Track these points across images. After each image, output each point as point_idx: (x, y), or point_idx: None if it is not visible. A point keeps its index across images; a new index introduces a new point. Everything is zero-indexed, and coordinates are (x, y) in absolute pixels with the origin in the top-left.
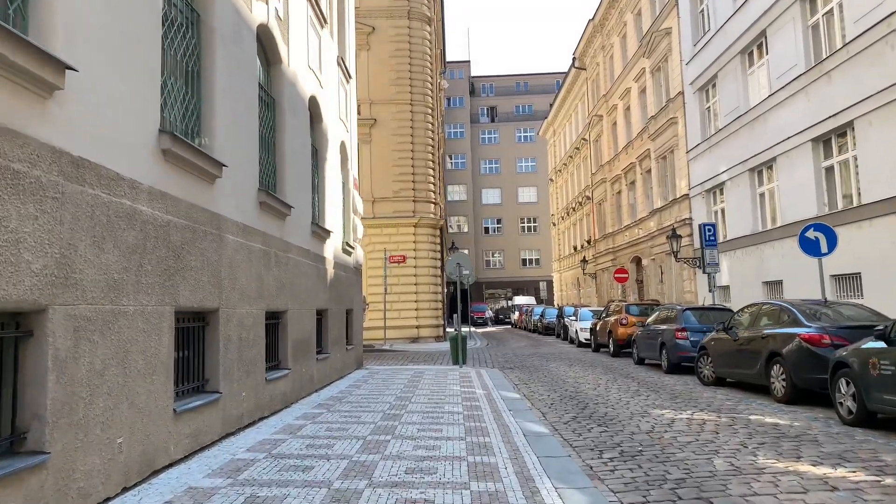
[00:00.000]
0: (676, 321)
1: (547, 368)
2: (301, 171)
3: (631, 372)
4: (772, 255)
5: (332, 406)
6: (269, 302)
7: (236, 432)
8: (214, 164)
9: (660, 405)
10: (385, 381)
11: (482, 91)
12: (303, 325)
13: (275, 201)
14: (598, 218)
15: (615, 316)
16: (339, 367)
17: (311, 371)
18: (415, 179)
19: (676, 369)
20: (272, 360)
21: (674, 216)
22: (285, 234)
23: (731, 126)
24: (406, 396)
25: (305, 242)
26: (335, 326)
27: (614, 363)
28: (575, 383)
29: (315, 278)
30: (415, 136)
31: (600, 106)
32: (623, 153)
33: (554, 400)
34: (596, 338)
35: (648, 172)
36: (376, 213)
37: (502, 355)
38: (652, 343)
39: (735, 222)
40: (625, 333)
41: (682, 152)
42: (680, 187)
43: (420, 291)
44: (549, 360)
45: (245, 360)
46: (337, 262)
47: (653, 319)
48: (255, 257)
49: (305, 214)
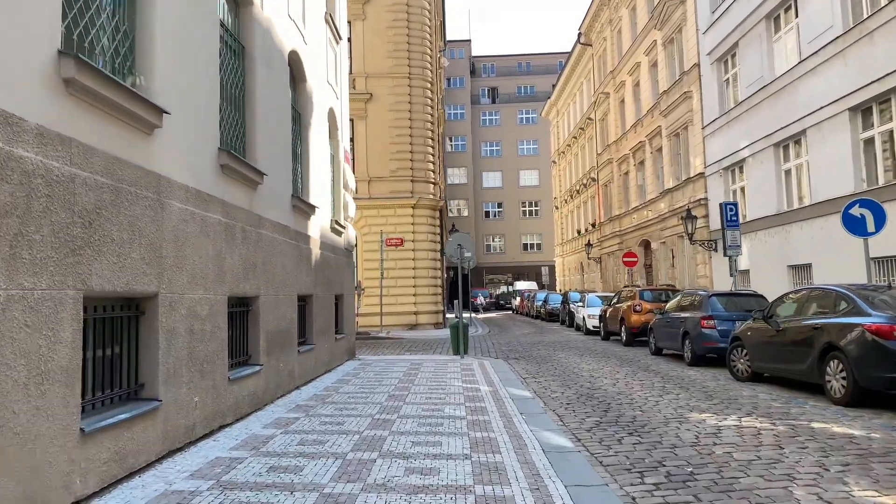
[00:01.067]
0: (701, 308)
1: (556, 359)
2: (278, 136)
3: (650, 364)
4: (799, 237)
5: (312, 408)
6: (234, 286)
7: (185, 447)
8: (151, 110)
9: (696, 406)
10: (378, 375)
11: (483, 71)
12: (280, 313)
13: (242, 166)
14: (603, 200)
15: (628, 302)
16: (326, 360)
17: (292, 366)
18: (413, 158)
19: (701, 361)
20: (239, 354)
21: (687, 197)
22: (256, 206)
23: (754, 98)
24: (400, 395)
25: (284, 218)
26: (322, 314)
27: (628, 353)
28: (590, 377)
29: (296, 259)
30: (413, 111)
31: (607, 83)
32: (631, 132)
33: (570, 399)
34: (606, 325)
35: (659, 151)
36: (372, 194)
37: (506, 343)
38: (672, 332)
39: (757, 202)
40: (639, 321)
41: (696, 128)
42: (694, 166)
43: (418, 276)
44: (556, 350)
45: (199, 357)
46: (324, 243)
47: (672, 306)
48: (212, 231)
49: (284, 186)
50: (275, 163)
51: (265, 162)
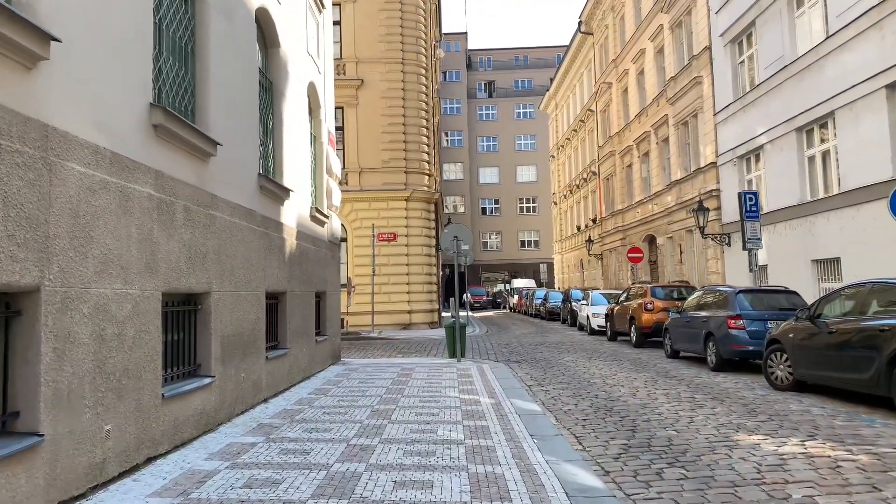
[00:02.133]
0: (727, 306)
1: (562, 363)
2: (241, 103)
3: (668, 369)
4: (826, 229)
5: (276, 429)
6: (173, 279)
7: (86, 495)
8: (36, 37)
9: (741, 425)
10: (363, 384)
11: (479, 65)
12: (242, 312)
13: (186, 130)
14: (605, 194)
15: (638, 300)
16: (304, 366)
17: (257, 375)
18: (406, 148)
19: (726, 366)
20: (182, 364)
21: (697, 188)
22: (209, 182)
23: (773, 80)
24: (386, 410)
25: (248, 200)
26: (298, 314)
27: (642, 356)
28: (604, 385)
29: (264, 250)
30: (406, 98)
31: (609, 72)
32: (635, 122)
33: (586, 413)
34: (613, 325)
35: (665, 141)
36: (364, 186)
37: (505, 344)
38: (692, 333)
39: (776, 191)
40: (650, 320)
41: (707, 115)
42: (705, 155)
43: (412, 273)
44: (561, 352)
45: (113, 370)
46: (302, 233)
47: (691, 304)
48: (138, 208)
49: (248, 162)
50: (235, 134)
51: (222, 130)
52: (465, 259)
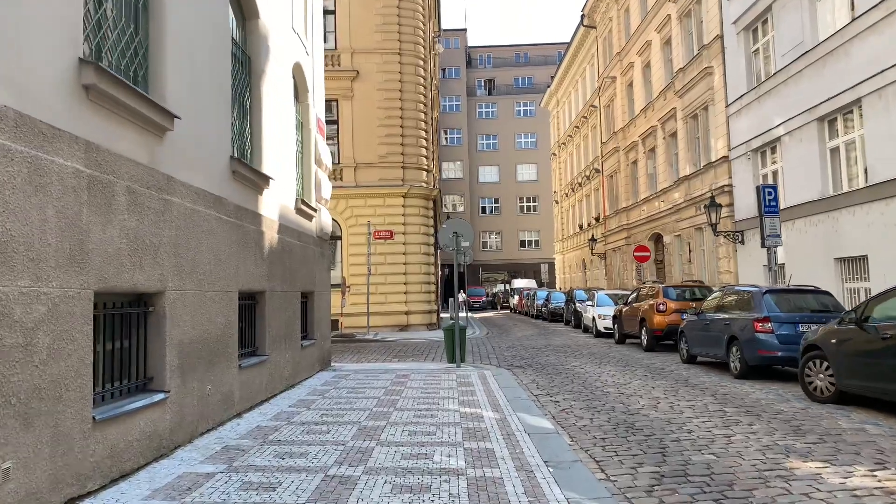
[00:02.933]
0: (753, 308)
1: (569, 368)
2: (208, 73)
3: (687, 376)
4: (851, 225)
5: (241, 455)
6: (110, 275)
7: None
8: None
9: (790, 448)
10: (353, 393)
11: (479, 62)
12: (207, 314)
13: (129, 95)
14: (608, 192)
15: (649, 301)
16: (288, 373)
17: (228, 386)
18: (404, 142)
19: (752, 373)
20: (126, 378)
21: (707, 184)
22: (164, 161)
23: (792, 67)
24: (375, 428)
25: (216, 186)
26: (281, 316)
27: (655, 361)
28: (620, 395)
29: (237, 244)
30: (404, 90)
31: (613, 66)
32: (641, 117)
33: (604, 431)
34: (621, 327)
35: (673, 136)
36: (359, 182)
37: (507, 347)
38: (712, 336)
39: (795, 186)
40: (663, 322)
41: (718, 108)
42: (716, 149)
43: (410, 272)
44: (567, 356)
45: (14, 392)
46: (286, 226)
47: (710, 305)
48: (56, 186)
49: (217, 143)
50: (200, 108)
51: (181, 103)
52: (465, 258)
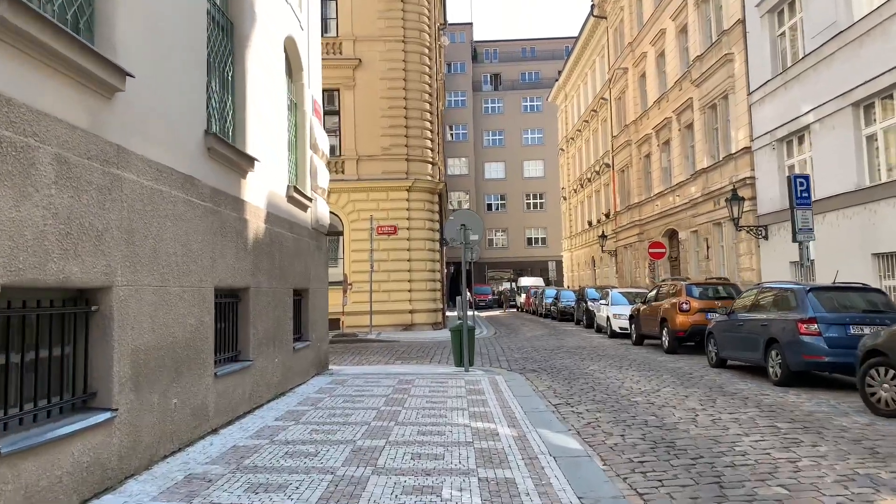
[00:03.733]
0: (795, 307)
1: (588, 373)
2: (176, 30)
3: (721, 382)
4: (892, 217)
5: (205, 488)
6: (26, 265)
7: None
8: None
9: (875, 479)
10: (349, 402)
11: (485, 57)
12: (172, 315)
13: (60, 40)
14: (619, 187)
15: (671, 299)
16: (277, 380)
17: (201, 398)
18: (408, 134)
19: (794, 380)
20: (57, 394)
21: (726, 177)
22: (111, 128)
23: (823, 50)
24: (371, 449)
25: (187, 163)
26: (268, 315)
27: (681, 365)
28: (649, 405)
29: (212, 233)
30: (408, 80)
31: (625, 57)
32: (654, 108)
33: (641, 452)
34: (639, 327)
35: (689, 127)
36: (362, 175)
37: (517, 349)
38: (746, 339)
39: (826, 177)
40: (686, 322)
41: (740, 96)
42: (737, 140)
43: (414, 269)
44: (583, 359)
45: None
46: (275, 216)
47: (744, 304)
48: None
49: (187, 112)
50: (165, 70)
51: (138, 59)
52: (473, 254)
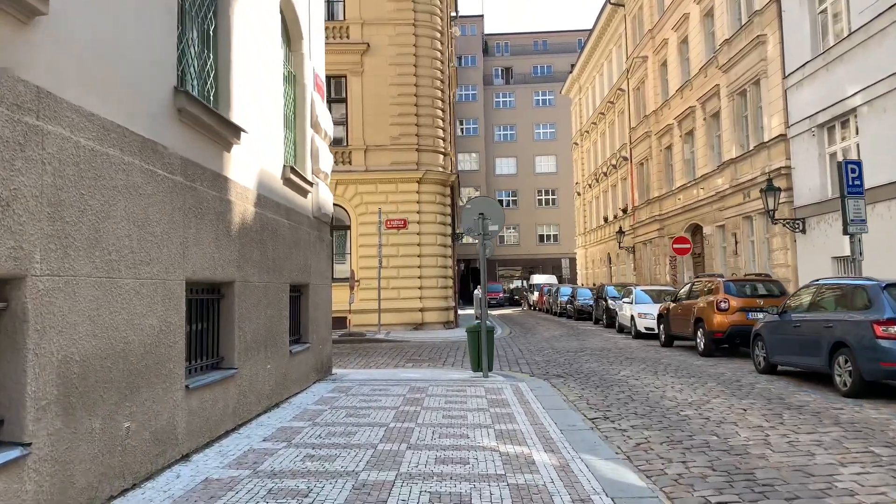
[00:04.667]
0: (868, 306)
1: (621, 379)
2: None
3: (779, 392)
4: None
5: None
6: None
7: None
8: None
9: None
10: (352, 419)
11: (496, 50)
12: (122, 315)
13: None
14: (638, 181)
15: (706, 297)
16: (269, 390)
17: (167, 419)
18: (419, 122)
19: (867, 390)
20: None
21: (758, 167)
22: (27, 63)
23: (873, 25)
24: (378, 487)
25: (145, 124)
26: (259, 314)
27: (723, 370)
28: (704, 421)
29: (183, 214)
30: (419, 66)
31: (644, 45)
32: (676, 98)
33: (717, 488)
34: (668, 327)
35: (715, 116)
36: (370, 165)
37: (537, 350)
38: (805, 341)
39: (876, 164)
40: (724, 323)
41: (773, 80)
42: (770, 128)
43: (425, 265)
44: (611, 362)
45: None
46: (267, 199)
47: (800, 303)
48: None
49: (150, 62)
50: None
51: None
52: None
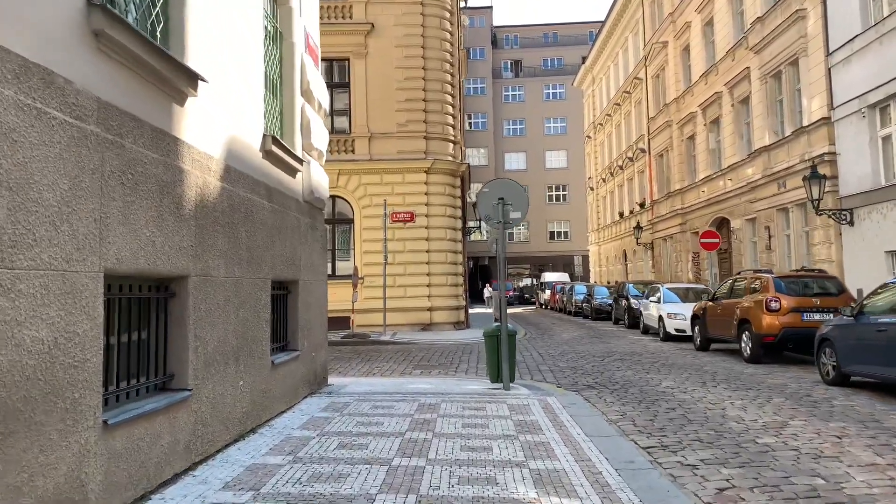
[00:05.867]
0: None
1: (665, 392)
2: None
3: (869, 410)
4: None
5: None
6: None
7: None
8: None
9: None
10: (345, 452)
11: (505, 42)
12: None
13: None
14: (657, 174)
15: (752, 296)
16: (241, 414)
17: (66, 470)
18: (427, 108)
19: None
20: None
21: (796, 154)
22: None
23: None
24: None
25: (38, 49)
26: (226, 319)
27: (783, 381)
28: (794, 455)
29: (99, 179)
30: (427, 47)
31: (664, 30)
32: (700, 84)
33: None
34: (705, 329)
35: (745, 101)
36: (374, 154)
37: (559, 354)
38: (889, 349)
39: None
40: (776, 325)
41: (814, 59)
42: (810, 110)
43: (434, 262)
44: (647, 369)
45: None
46: (240, 173)
47: (882, 303)
48: None
49: None
50: None
51: None
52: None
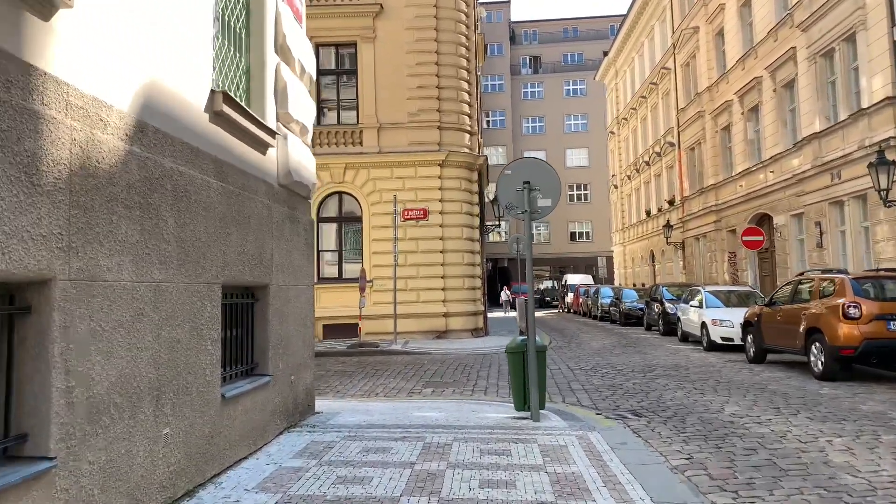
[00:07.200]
0: None
1: (733, 422)
2: None
3: None
4: None
5: None
6: None
7: None
8: None
9: None
10: None
11: (524, 38)
12: None
13: None
14: (688, 168)
15: (823, 301)
16: (163, 477)
17: None
18: (441, 96)
19: None
20: None
21: (853, 140)
22: None
23: None
24: None
25: None
26: (137, 342)
27: (878, 407)
28: None
29: None
30: (441, 30)
31: (695, 15)
32: (737, 69)
33: None
34: (760, 339)
35: (788, 86)
36: (384, 147)
37: (592, 368)
38: None
39: None
40: (855, 335)
41: (875, 32)
42: (871, 90)
43: (449, 263)
44: (700, 389)
45: None
46: (167, 136)
47: None
48: None
49: None
50: None
51: None
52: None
